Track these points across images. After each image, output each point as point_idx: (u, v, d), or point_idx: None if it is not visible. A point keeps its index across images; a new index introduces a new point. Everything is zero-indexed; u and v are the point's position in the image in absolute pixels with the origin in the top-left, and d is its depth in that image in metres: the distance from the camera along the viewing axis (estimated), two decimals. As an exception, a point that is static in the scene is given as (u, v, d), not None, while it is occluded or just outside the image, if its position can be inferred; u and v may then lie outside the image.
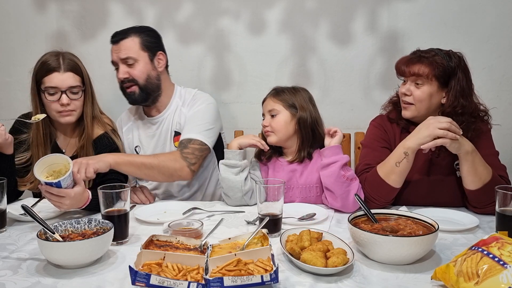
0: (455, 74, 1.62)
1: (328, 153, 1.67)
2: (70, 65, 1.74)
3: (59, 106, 1.73)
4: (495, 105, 1.74)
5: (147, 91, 1.92)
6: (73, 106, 1.75)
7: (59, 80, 1.71)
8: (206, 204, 1.80)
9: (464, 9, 2.32)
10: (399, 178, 1.59)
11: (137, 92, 1.91)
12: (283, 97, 1.78)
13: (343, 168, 1.64)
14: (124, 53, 1.88)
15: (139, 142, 2.05)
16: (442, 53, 1.64)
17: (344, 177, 1.62)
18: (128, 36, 1.90)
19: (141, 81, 1.90)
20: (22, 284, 1.11)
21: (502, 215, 1.34)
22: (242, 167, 1.72)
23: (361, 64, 2.42)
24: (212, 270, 1.08)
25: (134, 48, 1.89)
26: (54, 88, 1.71)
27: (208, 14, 2.45)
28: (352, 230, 1.24)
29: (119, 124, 2.10)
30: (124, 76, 1.89)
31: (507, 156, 2.16)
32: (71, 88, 1.73)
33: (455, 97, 1.62)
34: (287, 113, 1.76)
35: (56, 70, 1.71)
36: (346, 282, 1.10)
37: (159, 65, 1.96)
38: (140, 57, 1.90)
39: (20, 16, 2.56)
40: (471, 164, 1.53)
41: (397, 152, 1.58)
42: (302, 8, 2.40)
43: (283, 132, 1.76)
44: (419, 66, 1.62)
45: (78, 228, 1.31)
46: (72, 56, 1.79)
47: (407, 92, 1.65)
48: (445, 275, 1.05)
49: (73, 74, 1.74)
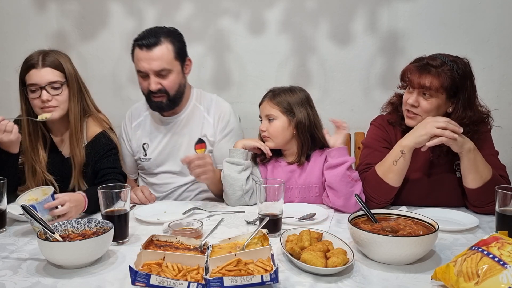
0: (463, 85, 1.60)
1: (336, 154, 1.67)
2: (49, 61, 1.71)
3: (40, 102, 1.70)
4: (495, 105, 1.74)
5: (175, 100, 1.85)
6: (55, 102, 1.72)
7: (38, 76, 1.69)
8: (206, 204, 1.80)
9: (464, 9, 2.32)
10: (397, 176, 1.59)
11: (165, 102, 1.83)
12: (280, 101, 1.75)
13: (349, 169, 1.65)
14: (159, 64, 1.75)
15: (148, 139, 1.98)
16: (449, 61, 1.60)
17: (350, 177, 1.63)
18: (161, 42, 1.77)
19: (172, 92, 1.81)
20: (22, 284, 1.11)
21: (502, 215, 1.34)
22: (245, 165, 1.73)
23: (361, 64, 2.42)
24: (212, 270, 1.08)
25: (169, 57, 1.78)
26: (35, 85, 1.70)
27: (208, 14, 2.45)
28: (352, 230, 1.24)
29: (129, 117, 2.03)
30: (157, 87, 1.78)
31: (507, 156, 2.16)
32: (51, 83, 1.70)
33: (463, 108, 1.60)
34: (284, 118, 1.74)
35: (34, 66, 1.70)
36: (346, 282, 1.10)
37: (187, 72, 1.89)
38: (174, 67, 1.80)
39: (20, 16, 2.56)
40: (472, 162, 1.53)
41: (394, 151, 1.58)
42: (302, 8, 2.40)
43: (280, 138, 1.76)
44: (430, 78, 1.56)
45: (78, 228, 1.31)
46: (56, 53, 1.75)
47: (415, 103, 1.61)
48: (445, 275, 1.05)
49: (52, 70, 1.71)
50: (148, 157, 1.98)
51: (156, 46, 1.76)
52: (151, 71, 1.77)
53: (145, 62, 1.76)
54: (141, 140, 1.99)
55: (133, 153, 2.02)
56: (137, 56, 1.80)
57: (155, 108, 1.88)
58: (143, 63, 1.77)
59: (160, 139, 1.97)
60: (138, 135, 2.00)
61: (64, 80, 1.74)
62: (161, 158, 1.97)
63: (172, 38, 1.81)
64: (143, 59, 1.77)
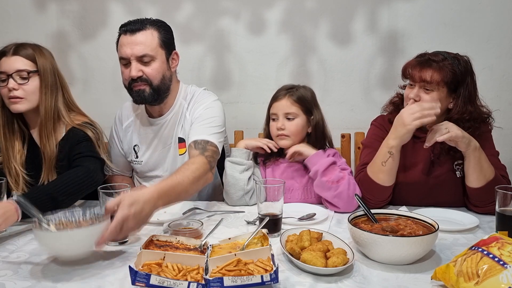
0: (464, 80, 1.61)
1: (308, 164, 1.69)
2: (21, 50, 1.69)
3: (7, 91, 1.66)
4: (495, 105, 1.74)
5: (158, 92, 1.75)
6: (22, 92, 1.67)
7: (6, 64, 1.66)
8: (206, 204, 1.79)
9: (464, 9, 2.32)
10: (387, 176, 1.60)
11: (148, 92, 1.72)
12: (301, 100, 1.75)
13: (325, 173, 1.63)
14: (141, 48, 1.67)
15: (138, 141, 1.94)
16: (450, 57, 1.61)
17: (329, 182, 1.62)
18: (146, 28, 1.70)
19: (155, 82, 1.72)
20: (22, 284, 1.11)
21: (502, 215, 1.34)
22: (247, 165, 1.73)
23: (361, 64, 2.42)
24: (212, 270, 1.08)
25: (153, 43, 1.70)
26: (3, 73, 1.66)
27: (208, 14, 2.45)
28: (352, 230, 1.24)
29: (119, 117, 1.96)
30: (137, 74, 1.69)
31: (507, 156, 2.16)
32: (19, 71, 1.66)
33: (464, 103, 1.61)
34: (304, 117, 1.76)
35: (5, 54, 1.68)
36: (346, 282, 1.10)
37: (173, 65, 1.81)
38: (158, 55, 1.72)
39: (20, 16, 2.56)
40: (477, 161, 1.53)
41: (382, 151, 1.59)
42: (302, 8, 2.40)
43: (299, 137, 1.77)
44: (431, 72, 1.58)
45: (73, 219, 1.30)
46: (33, 47, 1.72)
47: (416, 97, 1.62)
48: (445, 275, 1.05)
49: (22, 58, 1.67)
50: (139, 160, 1.93)
51: (140, 31, 1.69)
52: (133, 56, 1.68)
53: (127, 47, 1.69)
54: (131, 142, 1.94)
55: (125, 154, 1.97)
56: (120, 42, 1.72)
57: (138, 100, 1.76)
58: (125, 48, 1.69)
59: (149, 141, 1.90)
60: (129, 137, 1.95)
61: (34, 70, 1.69)
62: (152, 162, 1.92)
63: (158, 26, 1.75)
64: (125, 44, 1.69)
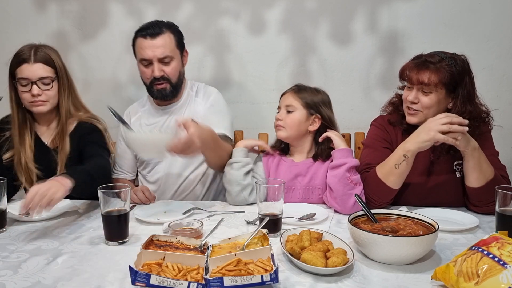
0: (462, 80, 1.61)
1: (338, 155, 1.69)
2: (40, 56, 1.76)
3: (30, 96, 1.75)
4: (495, 105, 1.74)
5: (176, 88, 1.96)
6: (45, 96, 1.77)
7: (29, 71, 1.74)
8: (206, 204, 1.80)
9: (464, 9, 2.32)
10: (398, 179, 1.59)
11: (168, 89, 1.93)
12: (303, 96, 1.79)
13: (350, 170, 1.64)
14: (162, 51, 1.87)
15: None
16: (447, 57, 1.61)
17: (349, 179, 1.62)
18: (164, 32, 1.89)
19: (174, 79, 1.93)
20: (22, 284, 1.11)
21: (502, 215, 1.34)
22: (244, 162, 1.75)
23: (361, 64, 2.42)
24: (212, 270, 1.08)
25: (171, 45, 1.90)
26: (25, 79, 1.74)
27: (208, 14, 2.45)
28: (352, 230, 1.24)
29: (127, 115, 2.08)
30: (160, 74, 1.89)
31: (507, 156, 2.16)
32: (42, 79, 1.75)
33: (463, 103, 1.60)
34: (304, 112, 1.77)
35: (26, 61, 1.74)
36: (346, 282, 1.10)
37: (185, 62, 2.01)
38: (175, 55, 1.92)
39: (20, 16, 2.56)
40: (477, 161, 1.53)
41: (397, 154, 1.57)
42: (302, 8, 2.40)
43: (294, 130, 1.77)
44: (428, 74, 1.58)
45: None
46: (47, 48, 1.80)
47: (415, 100, 1.62)
48: (445, 275, 1.05)
49: (43, 65, 1.76)
50: None
51: (160, 35, 1.87)
52: (155, 58, 1.87)
53: (149, 49, 1.86)
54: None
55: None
56: (140, 45, 1.89)
57: (157, 95, 1.95)
58: (147, 51, 1.87)
59: (161, 125, 2.02)
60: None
61: (55, 76, 1.79)
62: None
63: (173, 29, 1.94)
64: (147, 47, 1.87)
